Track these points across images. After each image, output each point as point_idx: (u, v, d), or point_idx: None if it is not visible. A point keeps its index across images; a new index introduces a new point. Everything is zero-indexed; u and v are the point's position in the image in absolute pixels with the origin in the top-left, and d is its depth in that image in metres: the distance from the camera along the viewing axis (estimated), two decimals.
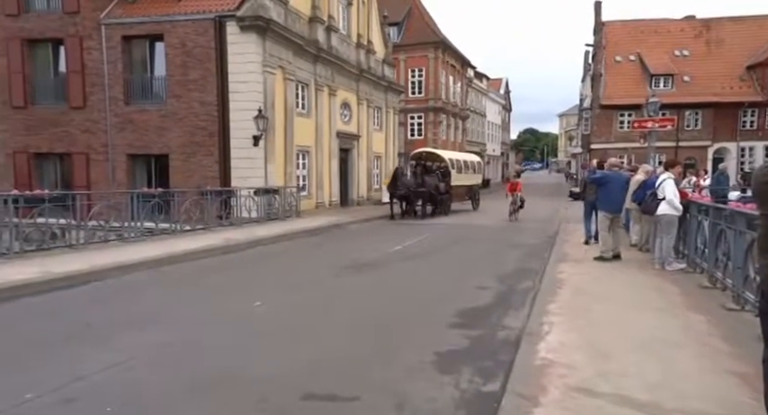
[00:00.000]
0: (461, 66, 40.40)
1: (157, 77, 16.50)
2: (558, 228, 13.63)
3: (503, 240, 12.22)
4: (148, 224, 11.13)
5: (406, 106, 33.15)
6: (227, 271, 8.43)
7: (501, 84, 60.55)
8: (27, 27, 16.74)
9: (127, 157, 16.55)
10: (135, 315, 5.64)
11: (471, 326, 5.23)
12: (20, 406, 3.36)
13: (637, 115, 25.78)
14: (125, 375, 3.92)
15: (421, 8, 36.40)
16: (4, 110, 17.16)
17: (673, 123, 14.86)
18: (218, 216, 13.18)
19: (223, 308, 5.97)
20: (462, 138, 41.23)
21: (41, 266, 7.41)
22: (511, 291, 6.95)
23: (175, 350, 4.50)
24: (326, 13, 19.53)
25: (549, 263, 8.34)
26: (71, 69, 16.62)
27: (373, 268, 8.64)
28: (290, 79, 17.18)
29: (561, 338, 4.44)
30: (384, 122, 25.97)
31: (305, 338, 4.92)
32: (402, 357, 4.35)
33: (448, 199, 19.09)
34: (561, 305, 5.57)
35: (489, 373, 3.98)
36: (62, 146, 16.91)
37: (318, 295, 6.73)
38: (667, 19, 36.04)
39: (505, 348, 4.57)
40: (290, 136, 17.26)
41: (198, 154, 15.88)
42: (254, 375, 3.96)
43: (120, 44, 16.16)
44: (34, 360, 4.20)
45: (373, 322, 5.50)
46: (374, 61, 24.28)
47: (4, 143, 17.29)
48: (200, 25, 15.52)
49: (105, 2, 16.29)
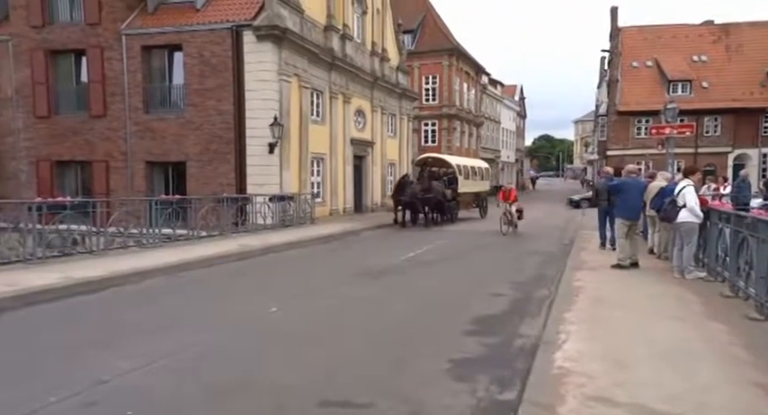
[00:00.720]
0: (475, 73, 40.39)
1: (176, 86, 16.81)
2: (574, 235, 13.49)
3: (517, 247, 12.13)
4: (166, 230, 11.29)
5: (419, 113, 33.23)
6: (243, 277, 8.50)
7: (515, 91, 60.36)
8: (50, 38, 17.21)
9: (145, 165, 16.85)
10: (153, 320, 5.72)
11: (487, 334, 5.20)
12: (44, 409, 3.43)
13: (654, 121, 25.46)
14: (144, 380, 3.97)
15: (435, 16, 36.56)
16: (29, 119, 17.62)
17: (691, 129, 14.67)
18: (233, 222, 13.31)
19: (239, 314, 6.01)
20: (476, 145, 41.13)
21: (63, 271, 7.56)
22: (526, 299, 6.89)
23: (193, 356, 4.55)
24: (341, 22, 19.73)
25: (566, 271, 8.25)
26: (92, 79, 17.02)
27: (387, 274, 8.64)
28: (306, 87, 17.35)
29: (579, 346, 4.39)
30: (398, 129, 26.05)
31: (320, 344, 4.93)
32: (417, 364, 4.34)
33: (455, 207, 18.58)
34: (578, 314, 5.50)
35: (505, 381, 3.95)
36: (83, 154, 17.28)
37: (333, 302, 6.75)
38: (685, 24, 35.66)
39: (522, 356, 4.53)
40: (305, 143, 17.40)
41: (214, 161, 16.10)
42: (270, 380, 3.98)
43: (140, 54, 16.51)
44: (58, 364, 4.28)
45: (388, 328, 5.50)
46: (388, 68, 24.42)
47: (28, 151, 17.73)
48: (217, 35, 15.79)
49: (126, 13, 16.68)
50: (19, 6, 17.28)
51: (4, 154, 18.02)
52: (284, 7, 16.00)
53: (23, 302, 6.20)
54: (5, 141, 17.93)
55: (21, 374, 4.10)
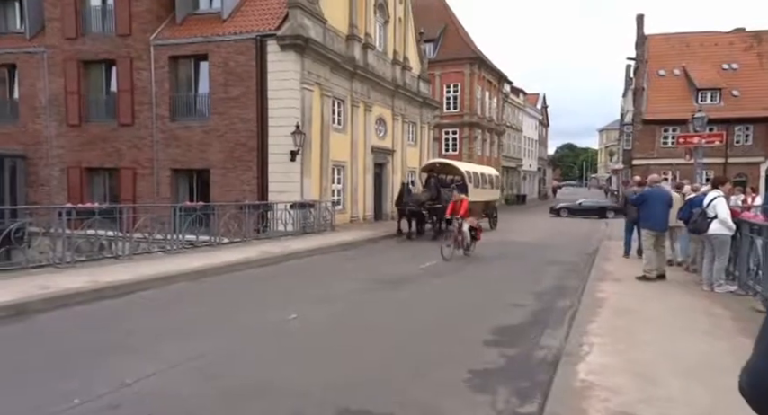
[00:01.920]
0: (497, 82, 40.22)
1: (201, 95, 17.16)
2: (597, 246, 13.23)
3: (539, 257, 11.96)
4: (190, 236, 11.48)
5: (440, 121, 33.20)
6: (264, 283, 8.58)
7: (538, 99, 59.85)
8: (83, 49, 17.80)
9: (171, 172, 17.21)
10: (176, 325, 5.80)
11: (507, 344, 5.12)
12: (69, 411, 3.50)
13: (682, 130, 24.91)
14: (166, 384, 4.03)
15: (457, 24, 36.62)
16: (61, 127, 18.21)
17: (721, 138, 14.31)
18: (255, 229, 13.47)
19: (259, 320, 6.06)
20: (498, 153, 40.84)
21: (91, 275, 7.75)
22: (548, 309, 6.77)
23: (213, 360, 4.60)
24: (363, 31, 19.92)
25: (589, 281, 8.09)
26: (121, 88, 17.52)
27: (406, 283, 8.61)
28: (327, 95, 17.53)
29: (602, 359, 4.29)
30: (419, 137, 26.07)
31: (339, 352, 4.93)
32: (436, 374, 4.30)
33: None
34: (602, 326, 5.38)
35: (526, 393, 3.88)
36: (111, 161, 17.75)
37: (352, 310, 6.75)
38: (715, 32, 34.92)
39: (543, 368, 4.45)
40: (326, 151, 17.55)
41: (237, 168, 16.35)
42: (289, 387, 3.99)
43: (168, 64, 16.94)
44: (84, 366, 4.38)
45: (407, 337, 5.47)
46: (410, 77, 24.51)
47: (59, 158, 18.31)
48: (242, 45, 16.11)
49: (155, 24, 17.17)
50: (54, 19, 17.94)
51: (37, 161, 18.64)
52: (308, 17, 16.25)
53: (54, 304, 6.37)
54: (39, 148, 18.55)
55: (49, 375, 4.20)
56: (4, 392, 3.84)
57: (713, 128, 21.01)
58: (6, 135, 18.83)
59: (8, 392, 3.86)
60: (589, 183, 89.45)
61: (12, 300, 6.14)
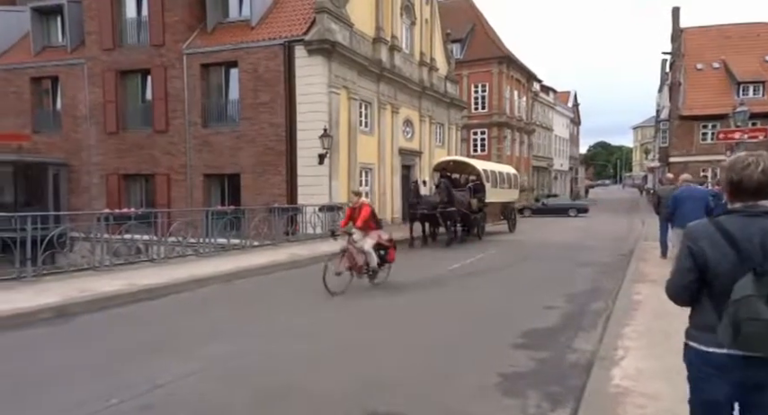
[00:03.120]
0: (527, 80, 39.62)
1: (231, 101, 17.55)
2: (633, 246, 12.83)
3: (571, 258, 11.68)
4: (221, 240, 11.73)
5: (468, 122, 32.93)
6: (292, 286, 8.67)
7: (569, 97, 58.65)
8: (120, 60, 18.46)
9: (203, 177, 17.63)
10: (207, 327, 5.92)
11: (538, 347, 5.01)
12: (106, 410, 3.62)
13: (722, 125, 23.94)
14: (197, 385, 4.11)
15: (485, 24, 36.28)
16: (100, 135, 18.92)
17: (765, 133, 13.65)
18: (284, 232, 13.65)
19: (288, 322, 6.12)
20: (528, 153, 40.20)
21: (127, 279, 8.00)
22: (581, 312, 6.60)
23: (243, 362, 4.67)
24: (390, 34, 19.96)
25: (624, 283, 7.85)
26: (156, 96, 18.07)
27: (434, 285, 8.55)
28: (354, 98, 17.63)
29: (638, 364, 4.14)
30: (446, 138, 25.91)
31: (367, 354, 4.93)
32: (464, 377, 4.24)
33: (482, 219, 16.02)
34: (638, 329, 5.20)
35: (558, 398, 3.78)
36: (147, 168, 18.33)
37: (380, 312, 6.74)
38: (757, 23, 33.42)
39: (575, 372, 4.33)
40: (354, 153, 17.64)
41: (267, 172, 16.62)
42: (317, 390, 4.01)
43: (199, 71, 17.39)
44: (121, 367, 4.51)
45: (435, 340, 5.42)
46: (437, 78, 24.41)
47: (99, 165, 19.02)
48: (270, 51, 16.39)
49: (187, 34, 17.65)
50: (93, 32, 18.68)
51: (78, 168, 19.42)
52: (335, 22, 16.40)
53: (93, 307, 6.60)
54: (80, 156, 19.33)
55: (88, 375, 4.35)
56: (48, 390, 4.00)
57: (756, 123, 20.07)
58: (50, 144, 19.69)
59: (52, 389, 4.02)
60: (624, 182, 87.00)
61: (55, 302, 6.40)
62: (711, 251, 1.87)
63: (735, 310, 1.74)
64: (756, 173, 1.84)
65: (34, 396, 3.90)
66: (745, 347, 1.76)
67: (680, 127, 31.16)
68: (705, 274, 1.89)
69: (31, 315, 5.97)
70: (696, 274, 1.91)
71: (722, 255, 1.85)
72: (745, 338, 1.73)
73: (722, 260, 1.83)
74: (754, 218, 1.86)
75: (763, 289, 1.73)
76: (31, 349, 5.10)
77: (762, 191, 1.86)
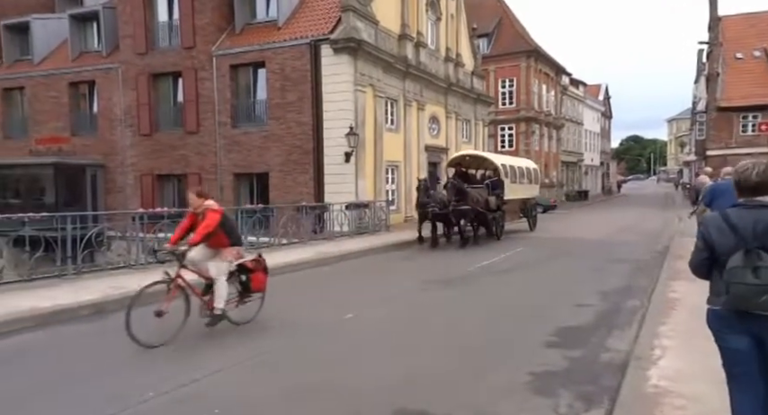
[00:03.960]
0: (555, 74, 38.83)
1: (259, 101, 17.80)
2: (669, 243, 12.43)
3: (604, 255, 11.39)
4: (251, 238, 11.90)
5: (496, 117, 32.50)
6: (320, 283, 8.74)
7: (600, 91, 57.19)
8: (153, 63, 18.96)
9: (233, 176, 17.96)
10: None
11: (570, 346, 4.91)
12: (144, 403, 3.73)
13: (764, 117, 22.93)
14: (230, 380, 4.19)
15: (512, 18, 35.71)
16: (134, 137, 19.49)
17: None
18: (312, 230, 13.77)
19: (316, 319, 6.17)
20: (557, 148, 39.42)
21: (161, 277, 8.18)
22: (615, 310, 6.43)
23: (274, 358, 4.73)
24: (415, 30, 19.86)
25: (660, 281, 7.61)
26: (187, 98, 18.48)
27: (463, 282, 8.47)
28: (380, 96, 17.63)
29: (677, 364, 4.00)
30: (473, 134, 25.65)
31: (395, 352, 4.92)
32: (495, 375, 4.19)
33: (501, 218, 14.84)
34: (675, 328, 5.03)
35: (591, 398, 3.69)
36: (179, 168, 18.78)
37: (408, 309, 6.73)
38: None
39: (610, 372, 4.22)
40: (380, 151, 17.64)
41: (294, 171, 16.79)
42: (346, 386, 4.03)
43: (229, 72, 17.70)
44: (157, 362, 4.64)
45: (464, 337, 5.37)
46: (463, 74, 24.17)
47: (133, 166, 19.61)
48: (297, 50, 16.54)
49: (216, 35, 17.98)
50: (127, 36, 19.23)
51: (114, 169, 20.06)
52: (360, 20, 16.42)
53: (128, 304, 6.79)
54: (115, 158, 19.96)
55: (125, 369, 4.49)
56: (88, 384, 4.15)
57: None
58: (88, 146, 20.40)
59: (91, 383, 4.17)
60: (658, 176, 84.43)
61: (92, 299, 6.62)
62: (718, 235, 2.46)
63: (728, 276, 2.36)
64: (753, 175, 2.41)
65: (75, 389, 4.05)
66: (733, 303, 2.38)
67: (718, 118, 29.95)
68: (713, 253, 2.49)
69: (72, 311, 6.20)
70: (707, 253, 2.53)
71: (725, 238, 2.42)
72: (733, 296, 2.36)
73: (725, 242, 2.43)
74: (750, 210, 2.42)
75: (749, 262, 2.30)
76: (70, 345, 5.29)
77: (758, 190, 2.41)
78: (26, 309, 6.02)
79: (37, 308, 6.08)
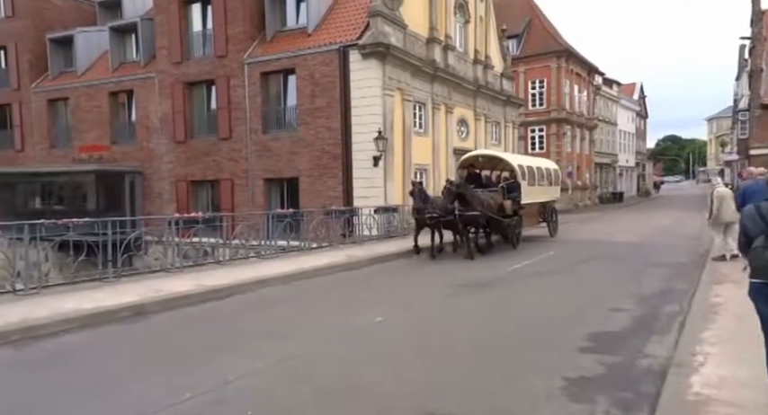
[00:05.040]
0: (588, 74, 37.99)
1: (289, 107, 18.07)
2: (710, 245, 11.95)
3: (640, 258, 11.05)
4: (281, 242, 12.08)
5: (526, 119, 32.03)
6: (350, 287, 8.78)
7: (635, 90, 55.61)
8: (187, 72, 19.52)
9: (264, 181, 18.27)
10: (270, 326, 6.12)
11: (606, 351, 4.78)
12: (181, 404, 3.82)
13: None
14: (262, 382, 4.25)
15: (542, 18, 35.18)
16: (170, 144, 20.09)
17: None
18: (341, 234, 13.87)
19: (346, 322, 6.20)
20: (589, 150, 38.51)
21: (196, 280, 8.42)
22: (653, 314, 6.22)
23: (305, 361, 4.78)
24: (443, 33, 19.81)
25: (701, 284, 7.33)
26: (220, 106, 18.95)
27: (493, 286, 8.37)
28: (408, 100, 17.64)
29: (721, 371, 3.84)
30: (502, 137, 25.34)
31: (425, 356, 4.90)
32: (528, 381, 4.12)
33: (518, 224, 13.46)
34: (719, 334, 4.83)
35: (629, 405, 3.58)
36: (212, 174, 19.24)
37: (438, 313, 6.69)
38: None
39: (648, 378, 4.09)
40: (408, 155, 17.63)
41: (324, 176, 16.96)
42: (376, 390, 4.04)
43: (259, 80, 18.05)
44: (192, 363, 4.76)
45: (495, 341, 5.30)
46: (492, 76, 23.94)
47: (169, 173, 20.20)
48: (326, 56, 16.73)
49: (248, 44, 18.38)
50: (163, 47, 19.88)
51: (151, 175, 20.72)
52: (388, 24, 16.49)
53: (166, 306, 7.01)
54: (152, 165, 20.61)
55: (163, 370, 4.62)
56: (127, 385, 4.29)
57: None
58: (126, 153, 21.16)
59: (130, 384, 4.30)
60: (698, 177, 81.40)
61: (132, 302, 6.85)
62: (751, 224, 3.15)
63: (751, 255, 3.12)
64: None
65: (114, 390, 4.19)
66: (755, 275, 3.13)
67: (762, 116, 28.67)
68: (749, 237, 3.16)
69: (113, 313, 6.43)
70: (744, 238, 3.24)
71: (756, 226, 3.11)
72: (754, 269, 3.11)
73: (755, 229, 3.13)
74: None
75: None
76: (111, 346, 5.48)
77: None
78: (71, 310, 6.27)
79: (81, 309, 6.33)
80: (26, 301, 6.81)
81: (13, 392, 4.20)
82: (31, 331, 5.63)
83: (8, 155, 23.83)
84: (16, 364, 4.86)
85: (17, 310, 6.24)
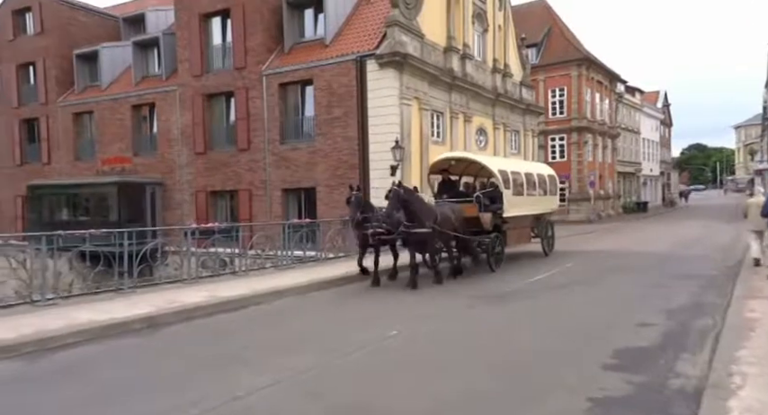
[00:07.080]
0: (609, 82, 37.41)
1: (307, 118, 18.12)
2: (742, 257, 11.44)
3: (669, 270, 10.63)
4: (298, 252, 12.00)
5: (546, 128, 31.64)
6: (365, 298, 8.61)
7: (658, 97, 54.56)
8: (207, 84, 19.80)
9: (281, 191, 18.30)
10: (283, 339, 5.98)
11: (633, 370, 4.50)
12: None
13: None
14: (272, 398, 4.10)
15: (561, 26, 34.86)
16: (190, 155, 20.34)
17: None
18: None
19: (360, 336, 6.02)
20: (612, 158, 37.77)
21: (210, 291, 8.37)
22: (683, 330, 5.89)
23: (318, 376, 4.62)
24: (461, 42, 19.70)
25: (734, 299, 6.95)
26: (239, 117, 19.12)
27: (514, 298, 8.10)
28: (426, 109, 17.51)
29: (762, 395, 3.55)
30: (522, 146, 24.99)
31: (442, 371, 4.69)
32: (551, 400, 3.88)
33: (497, 242, 11.18)
34: (756, 353, 4.52)
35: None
36: (231, 184, 19.37)
37: (455, 327, 6.46)
38: None
39: (681, 400, 3.81)
40: (426, 164, 17.40)
41: (341, 186, 16.85)
42: (392, 407, 3.85)
43: (277, 91, 18.18)
44: (201, 377, 4.64)
45: (515, 357, 5.06)
46: (511, 84, 23.70)
47: (189, 184, 20.43)
48: (343, 67, 16.76)
49: (266, 55, 18.56)
50: (185, 60, 20.23)
51: (171, 186, 20.98)
52: (405, 34, 16.46)
53: (179, 317, 6.94)
54: (173, 176, 20.88)
55: (171, 384, 4.51)
56: (134, 398, 4.18)
57: None
58: (148, 165, 21.49)
59: (137, 397, 4.20)
60: (725, 186, 79.15)
61: (145, 313, 6.80)
62: None
63: None
64: None
65: (119, 405, 4.09)
66: None
67: None
68: None
69: (125, 325, 6.38)
70: None
71: None
72: None
73: None
74: None
75: None
76: (122, 358, 5.41)
77: None
78: (84, 322, 6.25)
79: (94, 321, 6.29)
80: (42, 312, 6.83)
81: (20, 408, 4.13)
82: (45, 343, 5.61)
83: (36, 168, 24.47)
84: (26, 377, 4.81)
85: (33, 321, 6.24)
